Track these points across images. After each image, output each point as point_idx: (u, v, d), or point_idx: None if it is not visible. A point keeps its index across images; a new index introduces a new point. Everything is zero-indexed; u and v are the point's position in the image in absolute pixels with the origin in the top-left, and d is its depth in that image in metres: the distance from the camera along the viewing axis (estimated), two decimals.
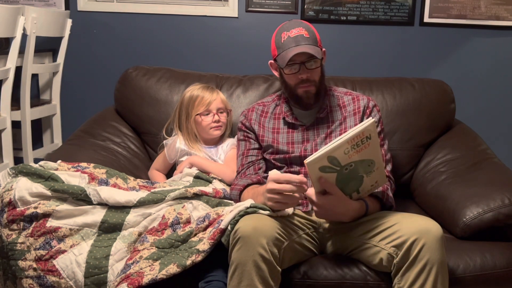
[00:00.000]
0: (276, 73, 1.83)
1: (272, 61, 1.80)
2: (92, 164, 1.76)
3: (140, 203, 1.61)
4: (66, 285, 1.50)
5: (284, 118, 1.83)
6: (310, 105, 1.76)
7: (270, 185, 1.44)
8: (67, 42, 2.79)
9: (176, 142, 2.04)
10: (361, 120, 1.78)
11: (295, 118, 1.81)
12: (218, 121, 2.01)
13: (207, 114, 2.00)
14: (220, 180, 1.89)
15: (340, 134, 1.75)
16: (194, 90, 2.03)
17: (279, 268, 1.40)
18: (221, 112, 2.03)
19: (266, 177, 1.74)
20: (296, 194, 1.43)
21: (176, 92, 2.20)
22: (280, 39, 1.70)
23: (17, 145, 2.67)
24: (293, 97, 1.77)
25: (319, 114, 1.78)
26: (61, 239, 1.54)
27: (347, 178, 1.47)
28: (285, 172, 1.75)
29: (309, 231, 1.61)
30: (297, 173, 1.74)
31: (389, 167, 1.77)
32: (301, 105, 1.77)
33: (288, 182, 1.41)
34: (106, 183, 1.69)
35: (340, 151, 1.39)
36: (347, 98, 1.84)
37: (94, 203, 1.59)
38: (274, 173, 1.45)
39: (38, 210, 1.55)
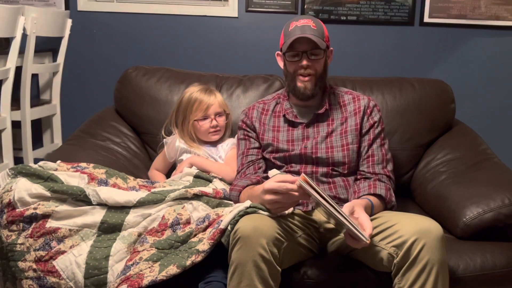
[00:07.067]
0: (281, 64, 1.84)
1: (279, 51, 1.81)
2: (91, 164, 1.76)
3: (140, 204, 1.60)
4: (66, 286, 1.50)
5: (284, 116, 1.83)
6: (307, 97, 1.76)
7: (268, 185, 1.44)
8: (67, 42, 2.79)
9: (176, 141, 2.04)
10: (362, 120, 1.78)
11: (295, 116, 1.81)
12: (216, 126, 2.01)
13: (205, 119, 2.00)
14: (221, 179, 1.89)
15: (341, 134, 1.76)
16: (193, 92, 2.03)
17: (279, 268, 1.40)
18: (219, 116, 2.03)
19: (265, 177, 1.74)
20: (295, 193, 1.42)
21: (176, 92, 2.20)
22: (288, 28, 1.74)
23: (17, 145, 2.67)
24: (292, 87, 1.78)
25: (318, 111, 1.79)
26: (60, 240, 1.54)
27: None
28: (285, 171, 1.75)
29: (309, 231, 1.61)
30: (297, 172, 1.73)
31: (389, 167, 1.77)
32: (298, 96, 1.78)
33: (286, 189, 1.41)
34: (105, 183, 1.69)
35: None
36: (348, 97, 1.84)
37: (94, 203, 1.59)
38: (269, 184, 1.45)
39: (38, 211, 1.55)
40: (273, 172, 1.71)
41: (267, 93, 2.18)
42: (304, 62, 1.71)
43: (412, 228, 1.41)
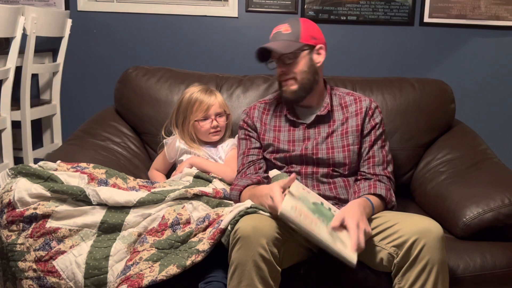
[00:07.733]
0: None
1: None
2: (91, 164, 1.76)
3: (140, 203, 1.60)
4: (66, 286, 1.50)
5: (285, 116, 1.83)
6: (291, 100, 1.76)
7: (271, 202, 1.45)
8: (67, 42, 2.79)
9: (176, 141, 2.04)
10: (363, 121, 1.78)
11: (296, 116, 1.81)
12: (217, 127, 2.01)
13: (206, 120, 2.00)
14: (221, 180, 1.89)
15: (342, 135, 1.76)
16: (193, 93, 2.02)
17: (279, 268, 1.40)
18: (220, 116, 2.03)
19: (266, 177, 1.74)
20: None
21: (176, 92, 2.20)
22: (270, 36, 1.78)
23: (17, 145, 2.67)
24: (281, 92, 1.80)
25: (319, 113, 1.79)
26: (60, 240, 1.54)
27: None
28: (286, 172, 1.75)
29: None
30: (298, 172, 1.74)
31: (390, 168, 1.77)
32: (285, 100, 1.79)
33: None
34: (105, 183, 1.69)
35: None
36: (349, 98, 1.84)
37: (94, 203, 1.59)
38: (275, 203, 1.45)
39: (38, 211, 1.55)
40: (273, 172, 1.71)
41: (267, 93, 2.18)
42: (278, 69, 1.75)
43: (412, 228, 1.41)
